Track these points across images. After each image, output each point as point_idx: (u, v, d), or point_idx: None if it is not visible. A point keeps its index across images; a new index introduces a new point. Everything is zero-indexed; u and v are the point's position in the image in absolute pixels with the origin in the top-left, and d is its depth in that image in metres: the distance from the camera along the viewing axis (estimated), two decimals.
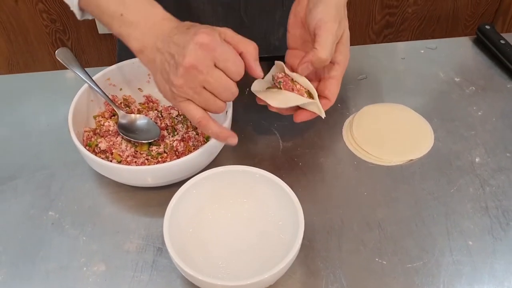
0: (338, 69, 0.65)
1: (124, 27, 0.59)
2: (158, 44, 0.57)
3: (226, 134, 0.62)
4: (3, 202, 0.68)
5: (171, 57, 0.56)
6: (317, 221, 0.66)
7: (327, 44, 0.61)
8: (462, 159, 0.74)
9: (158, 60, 0.58)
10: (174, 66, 0.56)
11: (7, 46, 1.74)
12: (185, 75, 0.55)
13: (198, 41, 0.54)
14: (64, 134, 0.75)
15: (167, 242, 0.56)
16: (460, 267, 0.62)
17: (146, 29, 0.59)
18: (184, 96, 0.58)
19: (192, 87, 0.56)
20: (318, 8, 0.62)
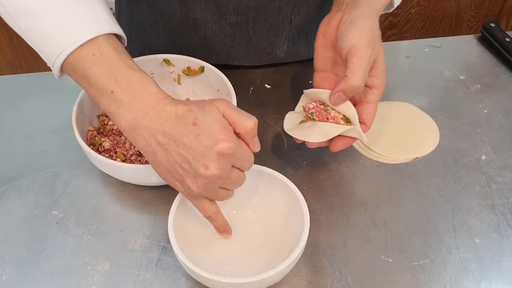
0: (375, 93, 0.62)
1: (114, 106, 0.54)
2: (159, 138, 0.53)
3: (226, 229, 0.61)
4: (7, 202, 0.68)
5: (184, 161, 0.52)
6: (323, 219, 0.66)
7: (359, 71, 0.58)
8: (468, 156, 0.73)
9: (162, 157, 0.53)
10: (191, 173, 0.52)
11: (10, 48, 1.75)
12: (206, 184, 0.53)
13: (220, 152, 0.51)
14: (68, 134, 0.75)
15: (172, 240, 0.55)
16: (467, 264, 0.61)
17: (140, 113, 0.53)
18: (200, 196, 0.56)
19: (210, 191, 0.55)
20: (351, 32, 0.59)
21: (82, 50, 0.53)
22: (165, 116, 0.53)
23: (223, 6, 0.76)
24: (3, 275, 0.61)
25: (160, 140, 0.53)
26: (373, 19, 0.62)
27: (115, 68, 0.54)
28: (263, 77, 0.86)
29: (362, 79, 0.59)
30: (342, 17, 0.62)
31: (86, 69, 0.54)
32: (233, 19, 0.78)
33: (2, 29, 1.69)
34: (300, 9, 0.80)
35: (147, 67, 0.76)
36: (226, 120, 0.53)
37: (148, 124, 0.53)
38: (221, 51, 0.83)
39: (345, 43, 0.60)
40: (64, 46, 0.53)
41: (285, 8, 0.78)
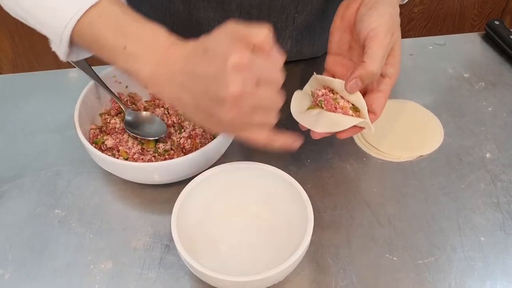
0: (388, 82, 0.60)
1: (129, 61, 0.53)
2: (179, 78, 0.51)
3: (290, 138, 0.56)
4: (9, 201, 0.68)
5: (206, 91, 0.49)
6: (326, 217, 0.65)
7: (377, 57, 0.57)
8: (473, 154, 0.73)
9: (186, 97, 0.51)
10: (216, 101, 0.49)
11: (12, 48, 1.75)
12: (234, 107, 0.49)
13: (234, 65, 0.47)
14: (70, 132, 0.75)
15: (175, 238, 0.55)
16: (472, 263, 0.61)
17: (156, 60, 0.52)
18: (238, 127, 0.52)
19: (243, 116, 0.50)
20: (372, 16, 0.58)
21: (88, 15, 0.53)
22: (179, 57, 0.52)
23: (226, 5, 0.76)
24: (5, 274, 0.60)
25: (180, 79, 0.51)
26: (395, 5, 0.61)
27: (122, 23, 0.53)
28: None
29: (380, 65, 0.57)
30: (363, 1, 0.61)
31: (95, 32, 0.53)
32: (236, 18, 0.78)
33: (4, 29, 1.69)
34: (304, 8, 0.79)
35: None
36: (236, 37, 0.49)
37: (166, 70, 0.52)
38: None
39: (364, 27, 0.58)
40: (71, 15, 0.53)
41: (289, 7, 0.78)
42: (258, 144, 0.54)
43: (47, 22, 0.55)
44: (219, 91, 0.48)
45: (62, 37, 0.54)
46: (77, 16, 0.53)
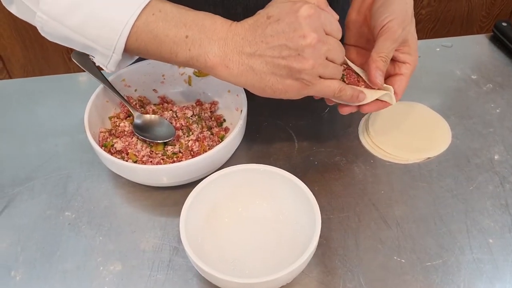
0: (409, 67, 0.64)
1: (194, 49, 0.55)
2: (247, 49, 0.54)
3: (357, 91, 0.61)
4: (20, 203, 0.69)
5: (281, 49, 0.53)
6: (334, 219, 0.66)
7: (383, 48, 0.60)
8: (481, 156, 0.73)
9: (258, 64, 0.54)
10: (294, 53, 0.53)
11: (22, 52, 1.77)
12: (313, 53, 0.53)
13: (307, 14, 0.52)
14: (80, 135, 0.76)
15: (183, 240, 0.55)
16: (481, 265, 0.61)
17: (221, 41, 0.55)
18: (316, 76, 0.55)
19: (321, 63, 0.54)
20: (385, 13, 0.60)
21: (142, 16, 0.55)
22: (242, 31, 0.55)
23: (232, 8, 0.76)
24: (16, 276, 0.61)
25: (249, 51, 0.54)
26: None
27: (178, 15, 0.56)
28: None
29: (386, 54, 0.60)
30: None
31: (153, 30, 0.55)
32: None
33: (15, 34, 1.70)
34: None
35: (158, 69, 0.77)
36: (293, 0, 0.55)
37: (233, 46, 0.55)
38: None
39: (378, 23, 0.61)
40: (125, 21, 0.54)
41: None
42: (331, 94, 0.58)
43: (98, 36, 0.56)
44: (297, 42, 0.52)
45: (117, 45, 0.56)
46: (132, 20, 0.54)
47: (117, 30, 0.55)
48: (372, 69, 0.61)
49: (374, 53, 0.61)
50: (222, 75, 0.56)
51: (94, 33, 0.56)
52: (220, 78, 0.57)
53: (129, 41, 0.56)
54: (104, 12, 0.54)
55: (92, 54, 0.60)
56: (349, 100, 0.61)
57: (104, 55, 0.58)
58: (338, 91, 0.58)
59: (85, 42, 0.57)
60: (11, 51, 1.76)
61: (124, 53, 0.58)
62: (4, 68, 1.81)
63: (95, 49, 0.58)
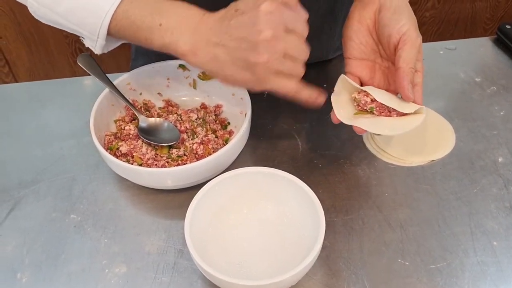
0: (420, 76, 0.63)
1: (167, 36, 0.58)
2: (213, 39, 0.56)
3: (316, 93, 0.61)
4: (26, 206, 0.69)
5: (240, 41, 0.54)
6: (338, 222, 0.66)
7: (412, 60, 0.60)
8: (485, 159, 0.73)
9: (221, 53, 0.56)
10: (250, 47, 0.54)
11: (28, 56, 1.78)
12: (267, 48, 0.54)
13: (267, 11, 0.53)
14: (85, 139, 0.77)
15: (188, 243, 0.56)
16: (485, 267, 0.61)
17: (192, 30, 0.57)
18: (271, 72, 0.56)
19: (275, 59, 0.55)
20: (401, 20, 0.60)
21: (121, 4, 0.58)
22: (212, 22, 0.57)
23: None
24: (22, 278, 0.62)
25: (215, 40, 0.56)
26: (409, 6, 0.63)
27: (154, 4, 0.59)
28: None
29: (413, 66, 0.60)
30: (382, 4, 0.62)
31: (130, 16, 0.58)
32: None
33: (21, 38, 1.72)
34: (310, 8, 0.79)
35: (163, 72, 0.78)
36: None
37: (202, 36, 0.57)
38: None
39: (395, 31, 0.60)
40: (106, 10, 0.58)
41: None
42: (287, 93, 0.58)
43: (83, 22, 0.60)
44: (253, 36, 0.54)
45: (100, 32, 0.59)
46: (112, 9, 0.58)
47: (100, 18, 0.58)
48: (406, 84, 0.60)
49: (404, 64, 0.59)
50: (192, 61, 0.58)
51: (79, 20, 0.59)
52: (190, 64, 0.59)
53: (110, 27, 0.59)
54: (89, 1, 0.58)
55: (81, 36, 0.64)
56: (307, 102, 0.60)
57: (90, 39, 0.62)
58: (294, 93, 0.58)
59: (73, 27, 0.61)
60: (17, 55, 1.77)
61: (109, 37, 0.61)
62: (10, 72, 1.82)
63: (83, 33, 0.62)
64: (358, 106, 0.65)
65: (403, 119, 0.62)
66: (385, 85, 0.65)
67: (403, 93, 0.61)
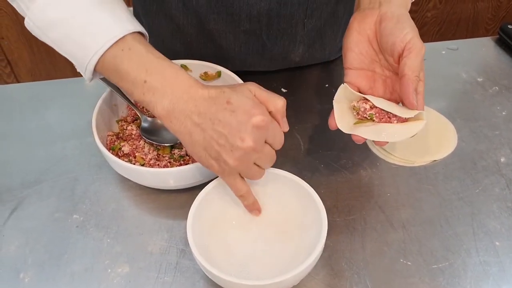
0: (422, 85, 0.62)
1: (148, 94, 0.56)
2: (195, 118, 0.55)
3: (256, 207, 0.64)
4: (28, 206, 0.69)
5: (220, 136, 0.55)
6: (340, 222, 0.66)
7: (417, 68, 0.59)
8: (487, 159, 0.73)
9: (197, 135, 0.56)
10: (228, 147, 0.55)
11: (29, 56, 1.78)
12: (242, 156, 0.55)
13: (256, 125, 0.54)
14: (88, 139, 0.77)
15: (191, 243, 0.56)
16: (487, 267, 0.61)
17: (175, 98, 0.56)
18: (235, 173, 0.58)
19: (245, 166, 0.57)
20: (404, 29, 0.60)
21: (111, 49, 0.56)
22: (199, 98, 0.56)
23: (236, 15, 0.77)
24: (25, 278, 0.62)
25: (196, 120, 0.55)
26: (409, 15, 0.63)
27: (145, 59, 0.57)
28: (279, 81, 0.86)
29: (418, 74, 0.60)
30: (383, 14, 0.62)
31: (117, 65, 0.57)
32: (246, 27, 0.79)
33: (23, 39, 1.72)
34: (314, 12, 0.80)
35: None
36: (259, 99, 0.57)
37: (183, 107, 0.56)
38: (237, 59, 0.84)
39: (399, 39, 0.60)
40: (95, 50, 0.56)
41: (298, 13, 0.78)
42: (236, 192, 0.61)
43: (73, 54, 0.58)
44: (235, 141, 0.54)
45: (87, 68, 0.58)
46: (102, 51, 0.56)
47: (87, 56, 0.57)
48: (411, 91, 0.59)
49: (410, 72, 0.59)
50: (165, 124, 0.58)
51: (69, 51, 0.58)
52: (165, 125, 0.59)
53: (96, 67, 0.58)
54: (81, 36, 0.56)
55: None
56: (247, 207, 0.64)
57: (79, 69, 0.60)
58: (241, 196, 0.61)
59: (64, 54, 0.59)
60: (19, 56, 1.78)
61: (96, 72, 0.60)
62: (12, 72, 1.83)
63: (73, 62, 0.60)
64: (358, 114, 0.64)
65: (403, 126, 0.62)
66: (385, 95, 0.64)
67: (408, 100, 0.60)
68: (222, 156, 0.56)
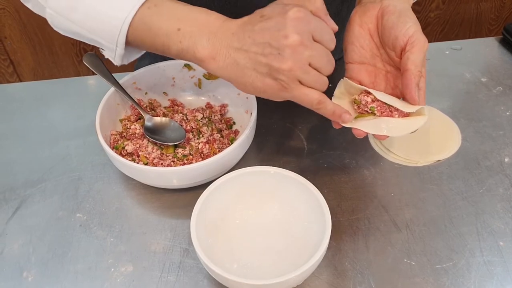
0: (424, 81, 0.61)
1: (185, 40, 0.56)
2: (235, 44, 0.54)
3: (342, 110, 0.59)
4: (32, 205, 0.69)
5: (264, 47, 0.53)
6: (344, 221, 0.66)
7: (420, 62, 0.58)
8: (491, 159, 0.73)
9: (242, 59, 0.54)
10: (275, 53, 0.53)
11: (32, 56, 1.78)
12: (293, 54, 0.53)
13: (294, 17, 0.52)
14: (91, 138, 0.77)
15: (194, 242, 0.56)
16: (492, 267, 0.60)
17: (212, 34, 0.56)
18: (294, 80, 0.54)
19: (300, 67, 0.53)
20: (407, 23, 0.59)
21: (139, 12, 0.57)
22: (234, 26, 0.56)
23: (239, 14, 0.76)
24: (28, 276, 0.62)
25: (236, 45, 0.55)
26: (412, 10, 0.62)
27: (174, 10, 0.57)
28: None
29: (421, 68, 0.59)
30: (385, 8, 0.61)
31: (148, 23, 0.57)
32: None
33: (26, 38, 1.72)
34: None
35: (168, 71, 0.78)
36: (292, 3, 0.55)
37: (222, 39, 0.55)
38: None
39: (402, 33, 0.59)
40: (123, 17, 0.57)
41: None
42: (309, 104, 0.57)
43: (99, 31, 0.58)
44: (278, 41, 0.52)
45: (119, 39, 0.58)
46: (130, 16, 0.57)
47: (117, 26, 0.57)
48: (413, 85, 0.59)
49: (413, 67, 0.58)
50: (209, 67, 0.57)
51: (96, 28, 0.58)
52: (207, 70, 0.58)
53: (128, 35, 0.58)
54: (104, 8, 0.57)
55: (101, 47, 0.62)
56: (330, 116, 0.59)
57: (109, 49, 0.60)
58: (317, 103, 0.56)
59: (91, 36, 0.59)
60: (21, 55, 1.78)
61: (128, 46, 0.60)
62: (15, 72, 1.83)
63: (101, 43, 0.61)
64: (359, 108, 0.63)
65: (405, 120, 0.61)
66: (386, 90, 0.64)
67: (410, 95, 0.59)
68: (274, 65, 0.53)
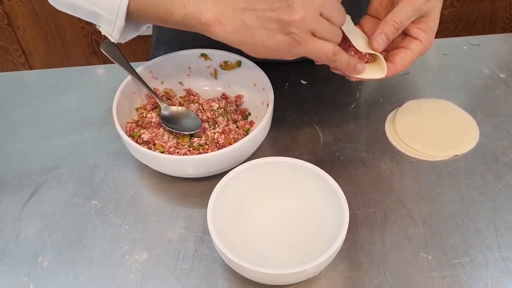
0: (419, 45, 0.60)
1: (189, 5, 0.55)
2: (240, 4, 0.53)
3: (356, 60, 0.59)
4: (47, 191, 0.69)
5: (273, 1, 0.52)
6: (360, 214, 0.65)
7: (401, 13, 0.57)
8: (509, 155, 0.72)
9: (250, 19, 0.53)
10: (284, 5, 0.51)
11: (44, 47, 1.79)
12: (303, 4, 0.51)
13: None
14: (106, 126, 0.77)
15: (211, 231, 0.55)
16: (509, 263, 0.60)
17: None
18: (307, 32, 0.53)
19: (312, 17, 0.52)
20: None
21: None
22: None
23: None
24: (44, 261, 0.62)
25: (242, 5, 0.54)
26: None
27: None
28: (298, 73, 0.86)
29: (401, 20, 0.58)
30: None
31: None
32: None
33: (38, 29, 1.73)
34: None
35: (185, 61, 0.78)
36: None
37: (227, 2, 0.54)
38: None
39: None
40: None
41: None
42: (323, 57, 0.55)
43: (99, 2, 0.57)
44: None
45: (120, 8, 0.56)
46: None
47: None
48: (377, 31, 0.58)
49: (390, 16, 0.58)
50: (216, 31, 0.55)
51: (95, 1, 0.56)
52: (214, 36, 0.56)
53: (130, 4, 0.56)
54: None
55: (98, 21, 0.61)
56: (345, 68, 0.58)
57: (108, 21, 0.59)
58: (332, 55, 0.55)
59: (90, 8, 0.58)
60: (33, 45, 1.78)
61: (128, 20, 0.58)
62: (26, 61, 1.83)
63: (100, 15, 0.59)
64: None
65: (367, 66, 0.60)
66: None
67: (371, 38, 0.59)
68: (284, 18, 0.52)
